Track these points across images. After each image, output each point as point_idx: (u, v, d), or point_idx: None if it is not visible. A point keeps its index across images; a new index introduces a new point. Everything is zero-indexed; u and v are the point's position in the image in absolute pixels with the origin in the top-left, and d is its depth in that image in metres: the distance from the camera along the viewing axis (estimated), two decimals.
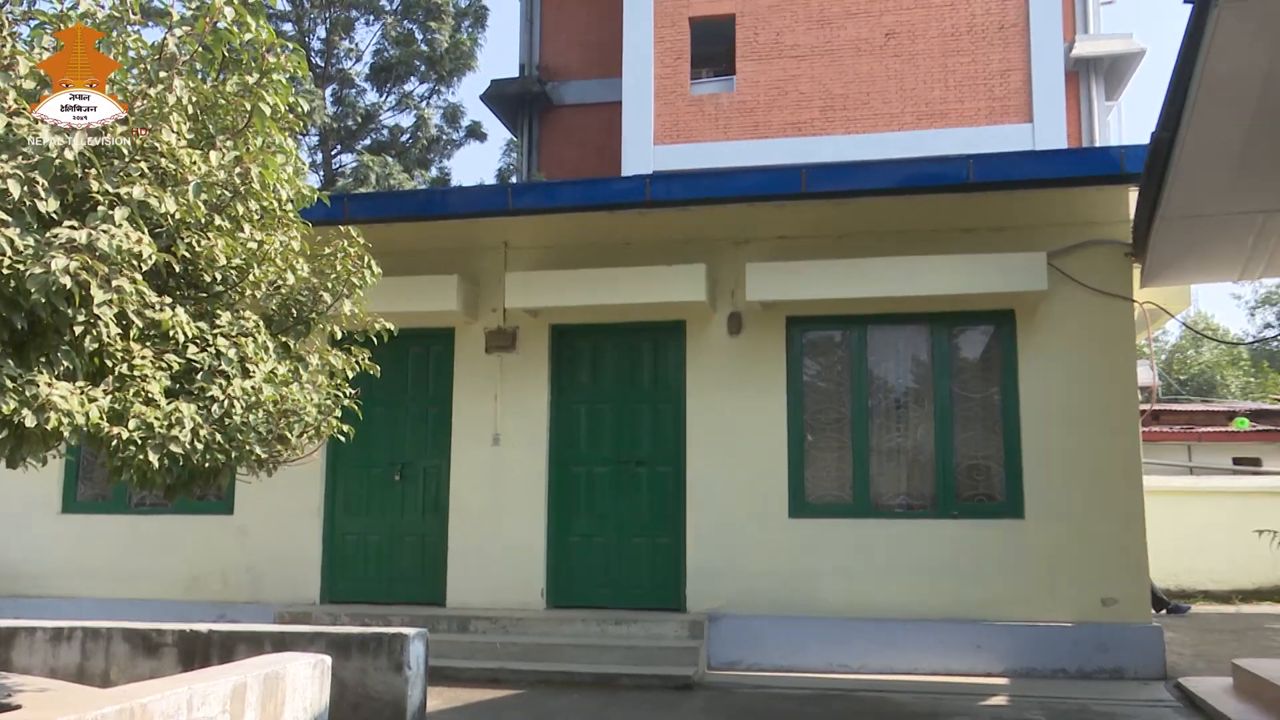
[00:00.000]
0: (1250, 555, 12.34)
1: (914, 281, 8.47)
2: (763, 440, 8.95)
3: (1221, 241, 8.31)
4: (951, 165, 8.61)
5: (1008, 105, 18.45)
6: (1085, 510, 8.37)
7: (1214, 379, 39.60)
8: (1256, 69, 6.37)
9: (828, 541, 8.74)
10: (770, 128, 19.16)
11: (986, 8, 18.77)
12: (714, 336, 9.17)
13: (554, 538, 9.27)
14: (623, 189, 9.69)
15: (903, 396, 9.07)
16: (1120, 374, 8.57)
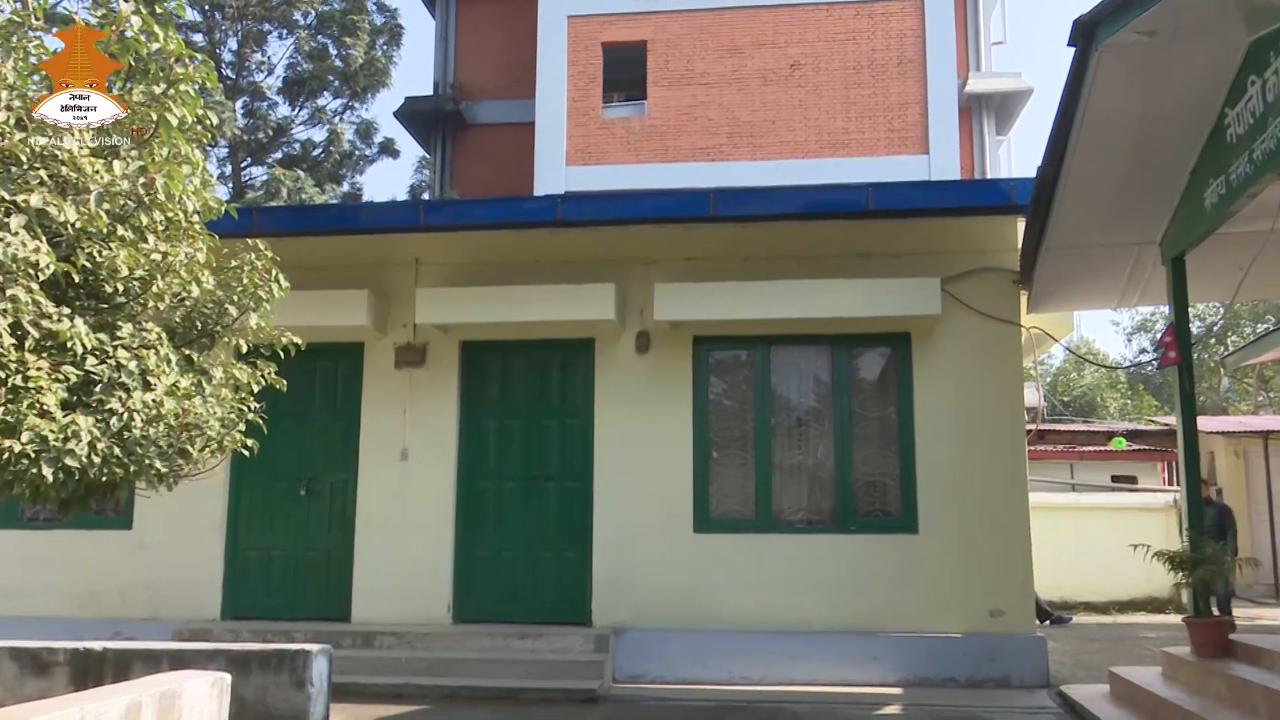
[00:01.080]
0: (1127, 568, 12.95)
1: (816, 304, 8.76)
2: (669, 456, 9.13)
3: (1101, 271, 8.80)
4: (852, 193, 8.95)
5: (905, 137, 19.10)
6: (975, 525, 8.73)
7: (1095, 401, 41.27)
8: (1133, 111, 6.82)
9: (731, 555, 8.94)
10: (680, 152, 19.48)
11: (886, 44, 19.44)
12: (623, 354, 9.33)
13: (461, 552, 9.29)
14: (534, 208, 9.83)
15: (804, 415, 9.35)
16: (1008, 395, 8.98)
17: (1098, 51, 6.17)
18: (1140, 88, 6.58)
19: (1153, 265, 8.46)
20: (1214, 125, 6.86)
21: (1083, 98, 6.63)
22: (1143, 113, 6.83)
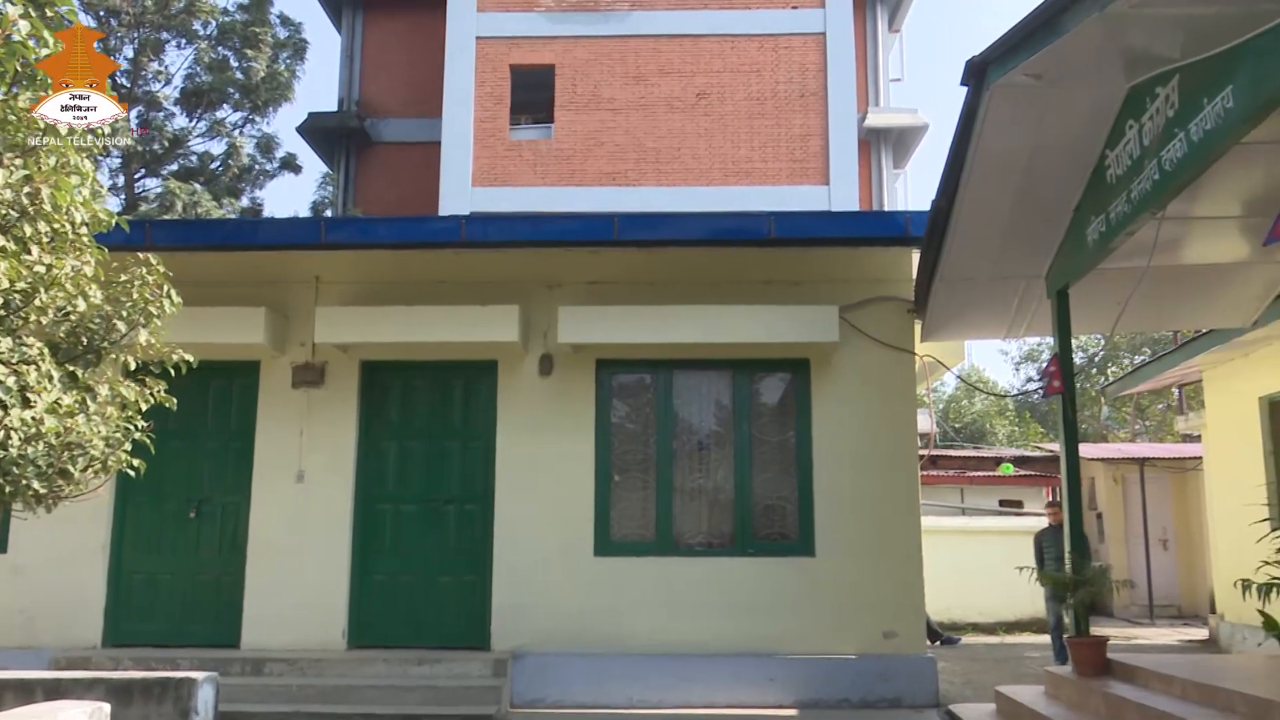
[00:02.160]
0: (1013, 590, 13.41)
1: (718, 329, 8.88)
2: (571, 479, 9.12)
3: (991, 302, 9.13)
4: (754, 221, 9.12)
5: (807, 167, 19.56)
6: (870, 548, 8.92)
7: (984, 427, 42.62)
8: (1021, 149, 7.11)
9: (631, 579, 8.96)
10: (586, 176, 19.59)
11: (789, 76, 19.91)
12: (526, 377, 9.30)
13: (358, 576, 9.11)
14: (439, 228, 9.76)
15: (706, 439, 9.45)
16: (902, 421, 9.22)
17: (988, 91, 6.43)
18: (1028, 127, 6.87)
19: (1039, 298, 8.81)
20: (1096, 165, 7.21)
21: (974, 135, 6.89)
22: (1030, 151, 7.14)
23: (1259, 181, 6.64)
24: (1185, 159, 5.71)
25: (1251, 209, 7.08)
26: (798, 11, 20.17)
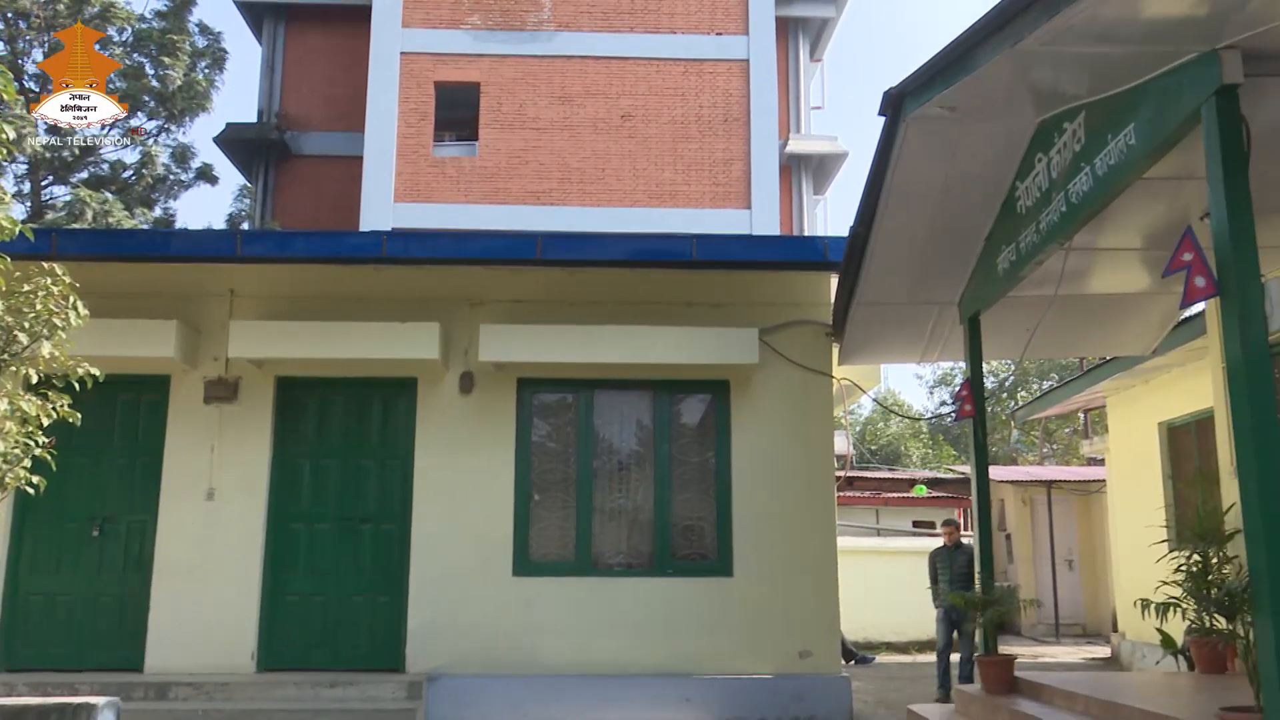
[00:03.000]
0: (926, 609, 13.66)
1: (639, 350, 8.93)
2: (490, 498, 9.06)
3: (906, 327, 9.34)
4: (676, 243, 9.21)
5: (729, 191, 19.80)
6: (787, 568, 9.02)
7: (899, 449, 43.47)
8: (936, 179, 7.30)
9: (550, 599, 8.92)
10: (510, 194, 19.55)
11: (713, 101, 20.17)
12: (446, 395, 9.23)
13: (269, 597, 8.91)
14: (359, 244, 9.64)
15: (626, 459, 9.47)
16: (820, 442, 9.36)
17: (905, 122, 6.60)
18: (943, 158, 7.07)
19: (952, 324, 9.04)
20: (1007, 196, 7.44)
21: (891, 164, 7.07)
22: (945, 181, 7.34)
23: (1160, 215, 6.93)
24: (1091, 192, 5.94)
25: (1152, 241, 7.38)
26: (722, 38, 20.46)
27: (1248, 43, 4.46)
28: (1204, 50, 4.60)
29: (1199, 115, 4.68)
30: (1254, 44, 4.47)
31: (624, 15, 20.51)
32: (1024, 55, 5.22)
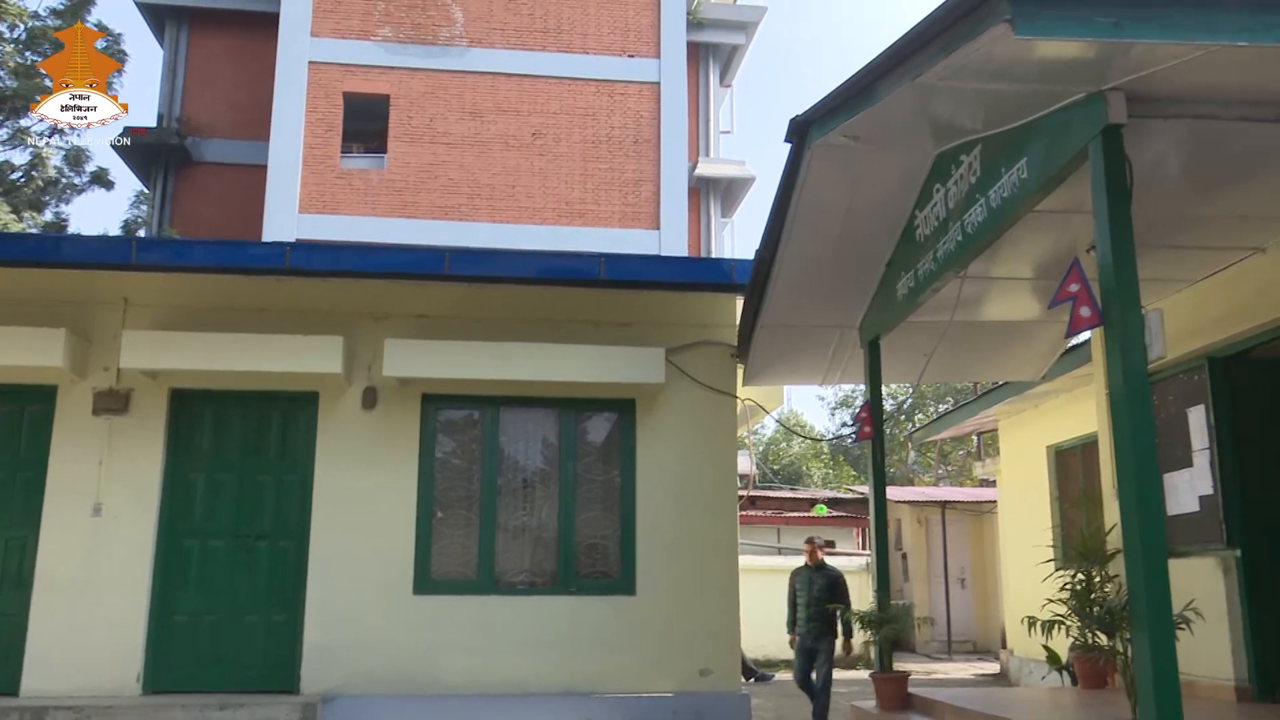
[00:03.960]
0: None
1: (546, 368, 8.92)
2: (391, 515, 8.93)
3: (809, 349, 9.53)
4: (585, 262, 9.24)
5: (639, 212, 19.96)
6: (689, 587, 9.09)
7: (801, 469, 44.18)
8: (840, 205, 7.48)
9: (451, 618, 8.81)
10: (418, 208, 19.37)
11: (624, 122, 20.33)
12: (348, 409, 9.08)
13: (156, 616, 8.61)
14: (261, 254, 9.43)
15: (531, 477, 9.43)
16: (723, 462, 9.47)
17: (810, 149, 6.75)
18: (846, 185, 7.25)
19: (853, 347, 9.25)
20: (906, 224, 7.67)
21: (796, 190, 7.22)
22: (848, 207, 7.52)
23: (1049, 247, 7.21)
24: (985, 223, 6.16)
25: (1042, 272, 7.67)
26: (634, 60, 20.66)
27: (1131, 85, 4.70)
28: (1091, 91, 4.83)
29: (1086, 152, 4.90)
30: (1137, 87, 4.71)
31: (537, 34, 20.57)
32: (924, 89, 5.40)
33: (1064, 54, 4.61)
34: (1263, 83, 4.83)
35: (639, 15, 20.96)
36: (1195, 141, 5.46)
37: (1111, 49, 4.37)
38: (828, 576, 9.76)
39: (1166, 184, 5.94)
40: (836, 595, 9.58)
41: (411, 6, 20.29)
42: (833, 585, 9.66)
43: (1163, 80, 4.62)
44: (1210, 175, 6.01)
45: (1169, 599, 4.46)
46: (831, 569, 9.90)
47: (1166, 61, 4.41)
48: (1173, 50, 4.29)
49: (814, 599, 9.63)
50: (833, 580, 9.73)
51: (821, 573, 9.82)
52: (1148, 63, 4.46)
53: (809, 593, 9.71)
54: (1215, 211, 6.56)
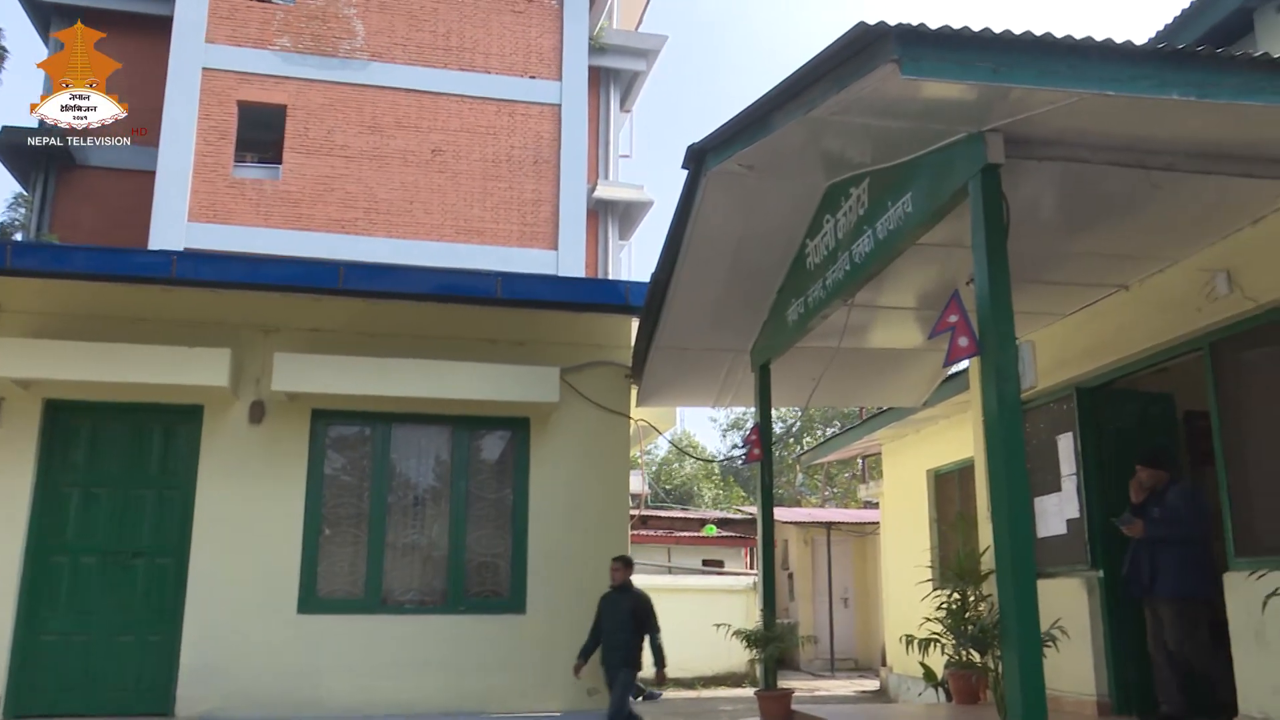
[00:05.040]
0: (713, 646, 14.03)
1: (440, 385, 8.86)
2: (277, 533, 8.73)
3: (702, 372, 9.69)
4: (482, 280, 9.23)
5: (537, 232, 19.99)
6: (579, 606, 9.05)
7: (692, 490, 44.57)
8: (734, 232, 7.65)
9: (336, 637, 8.65)
10: (313, 221, 19.02)
11: (524, 142, 20.37)
12: (234, 424, 8.86)
13: (22, 636, 8.22)
14: (146, 262, 9.15)
15: (422, 494, 9.35)
16: (616, 482, 9.55)
17: (706, 177, 6.90)
18: (740, 212, 7.43)
19: (744, 370, 9.45)
20: (798, 252, 7.88)
21: (692, 215, 7.37)
22: (742, 234, 7.70)
23: (932, 278, 7.51)
24: (872, 253, 6.39)
25: (925, 302, 7.98)
26: (536, 81, 20.73)
27: (1010, 128, 4.96)
28: (973, 131, 5.07)
29: (967, 190, 5.13)
30: (1015, 129, 4.97)
31: (439, 51, 20.47)
32: (816, 122, 5.59)
33: (948, 95, 4.83)
34: (1127, 130, 5.15)
35: (542, 38, 21.06)
36: (1067, 183, 5.78)
37: (991, 92, 4.61)
38: (633, 600, 8.44)
39: (1040, 222, 6.27)
40: (639, 620, 8.34)
41: (312, 17, 19.99)
42: (635, 610, 8.38)
43: (1038, 124, 4.90)
44: (1080, 215, 6.37)
45: (1037, 618, 4.67)
46: (637, 592, 8.52)
47: (1042, 106, 4.67)
48: (1047, 96, 4.55)
49: (618, 625, 8.34)
50: (638, 603, 8.44)
51: (626, 596, 8.46)
52: (1025, 107, 4.72)
53: (615, 615, 8.39)
54: (1084, 250, 6.93)
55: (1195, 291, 6.86)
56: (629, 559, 8.70)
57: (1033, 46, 4.40)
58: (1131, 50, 4.47)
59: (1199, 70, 4.47)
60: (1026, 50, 4.41)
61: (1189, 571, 6.89)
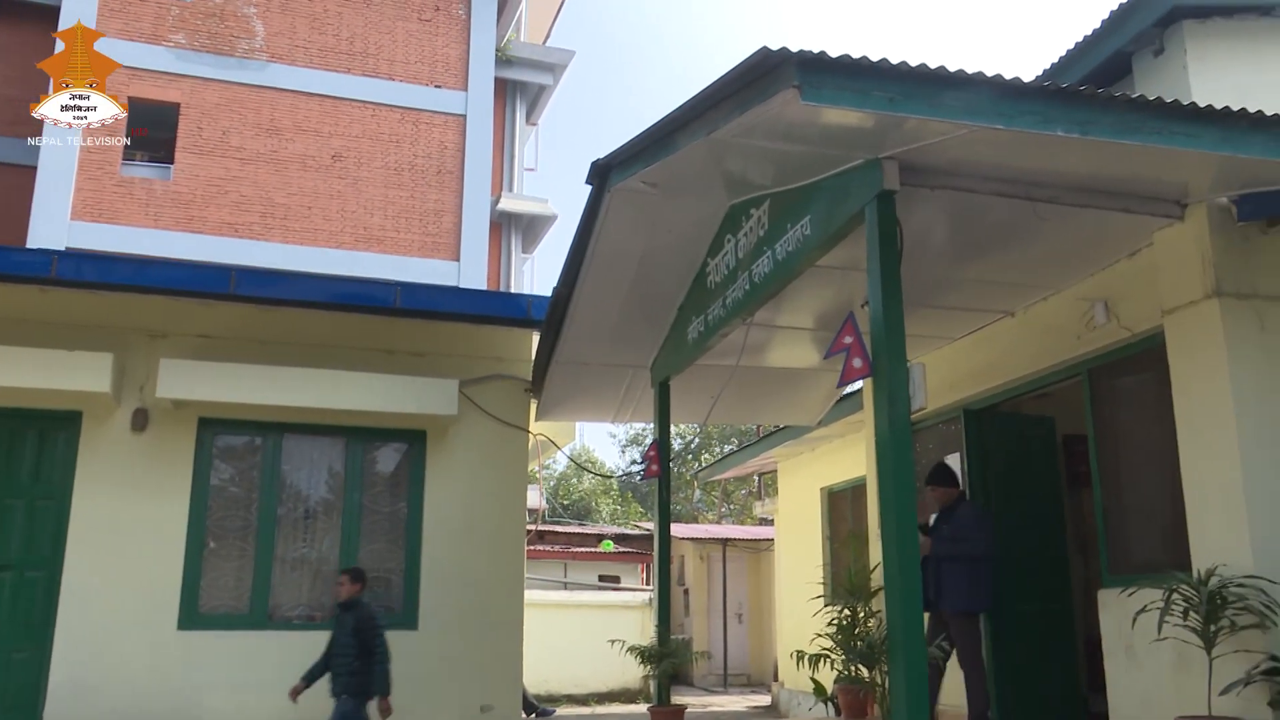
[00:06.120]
0: (607, 662, 14.05)
1: (335, 395, 8.67)
2: (157, 545, 8.41)
3: (602, 387, 9.71)
4: (381, 289, 9.07)
5: (439, 242, 19.77)
6: (472, 621, 8.99)
7: (590, 505, 44.52)
8: (637, 248, 7.71)
9: (219, 655, 8.36)
10: (206, 224, 18.46)
11: (428, 151, 20.14)
12: (115, 431, 8.52)
13: None
14: (24, 261, 8.71)
15: (314, 507, 9.12)
16: (513, 496, 9.47)
17: (610, 193, 6.94)
18: (643, 230, 7.49)
19: (644, 387, 9.50)
20: (699, 271, 7.98)
21: (595, 231, 7.40)
22: (644, 251, 7.76)
23: (829, 300, 7.68)
24: (771, 274, 6.51)
25: (821, 323, 8.15)
26: (441, 91, 20.53)
27: (905, 156, 5.12)
28: (870, 158, 5.22)
29: (863, 214, 5.27)
30: (910, 158, 5.13)
31: (342, 55, 20.13)
32: (719, 144, 5.68)
33: (846, 122, 4.96)
34: (1015, 163, 5.36)
35: (448, 47, 20.89)
36: (958, 211, 5.99)
37: (888, 121, 4.75)
38: (357, 615, 7.50)
39: (933, 248, 6.47)
40: (363, 642, 7.42)
41: (209, 15, 19.46)
42: (358, 629, 7.43)
43: (932, 153, 5.06)
44: (970, 243, 6.60)
45: (923, 634, 4.80)
46: (364, 610, 7.55)
47: (935, 137, 4.83)
48: (940, 127, 4.71)
49: (340, 646, 7.47)
50: (359, 623, 7.46)
51: (350, 613, 7.52)
52: (919, 136, 4.87)
53: (337, 640, 7.51)
54: (973, 276, 7.18)
55: (1076, 320, 7.16)
56: (359, 571, 7.73)
57: (928, 79, 4.55)
58: (1019, 87, 4.66)
59: (1081, 109, 4.69)
60: (922, 82, 4.56)
61: (975, 587, 7.25)
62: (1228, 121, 4.86)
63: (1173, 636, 5.40)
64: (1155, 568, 6.20)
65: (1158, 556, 6.38)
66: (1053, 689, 8.05)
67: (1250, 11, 7.38)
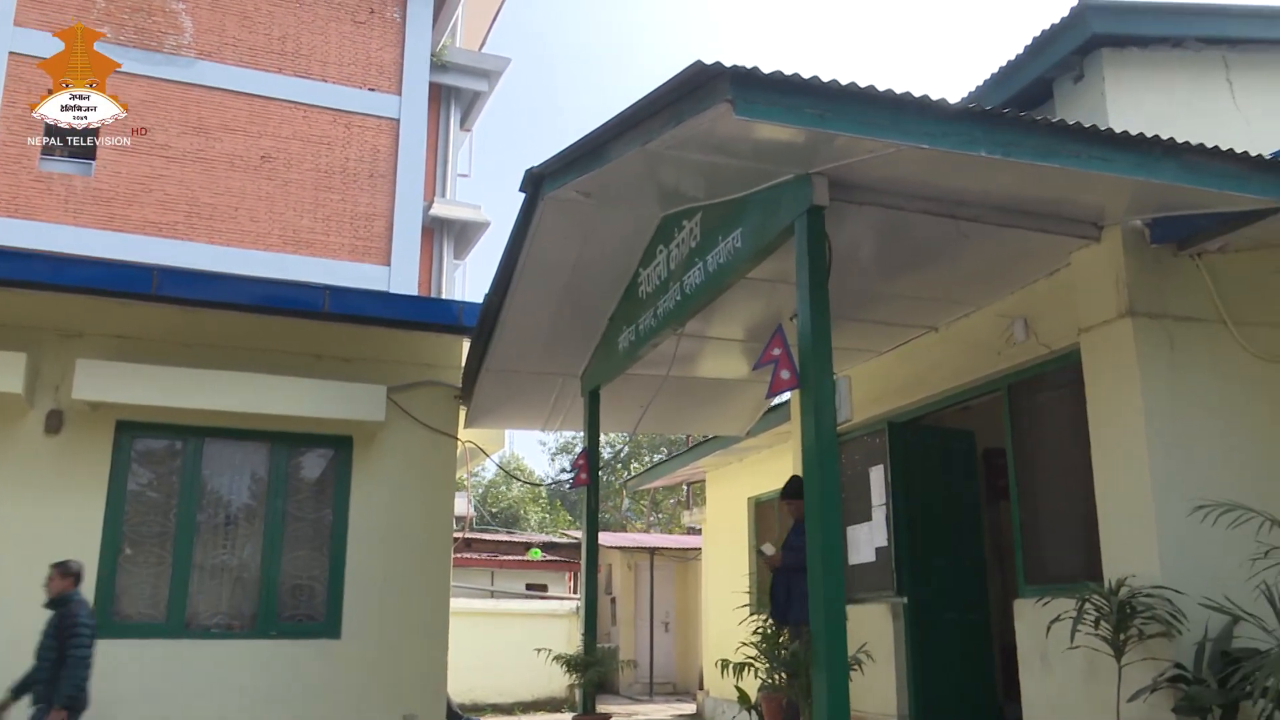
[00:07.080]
0: (533, 671, 13.97)
1: (258, 399, 8.52)
2: (70, 551, 8.03)
3: (532, 395, 9.69)
4: (309, 293, 8.95)
5: (370, 246, 19.53)
6: (397, 630, 8.89)
7: (519, 513, 44.29)
8: (569, 257, 7.72)
9: (133, 665, 8.14)
10: (128, 222, 17.99)
11: (360, 154, 19.90)
12: (27, 434, 8.26)
13: None
14: None
15: (235, 513, 8.94)
16: (440, 504, 9.39)
17: (543, 201, 6.95)
18: (576, 238, 7.51)
19: (574, 395, 9.50)
20: (631, 281, 8.02)
21: (528, 239, 7.40)
22: (576, 260, 7.78)
23: (759, 312, 7.78)
24: (702, 285, 6.57)
25: (751, 334, 8.25)
26: (374, 94, 20.31)
27: (835, 172, 5.21)
28: (800, 173, 5.30)
29: (793, 228, 5.36)
30: (840, 174, 5.22)
31: (273, 55, 19.80)
32: (652, 155, 5.72)
33: (777, 137, 5.04)
34: (940, 182, 5.49)
35: (382, 50, 20.67)
36: (885, 228, 6.11)
37: (818, 137, 4.84)
38: (60, 616, 6.91)
39: (861, 263, 6.60)
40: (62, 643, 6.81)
41: (135, 9, 18.99)
42: (60, 630, 6.83)
43: (861, 170, 5.16)
44: (896, 259, 6.74)
45: (845, 642, 4.87)
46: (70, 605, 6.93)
47: (864, 154, 4.93)
48: (868, 145, 4.80)
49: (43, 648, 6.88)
50: (62, 622, 6.87)
51: (57, 613, 6.97)
52: (848, 153, 4.96)
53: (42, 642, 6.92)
54: (899, 291, 7.33)
55: (996, 336, 7.35)
56: (68, 565, 7.01)
57: (857, 97, 4.65)
58: (946, 108, 4.78)
59: (1005, 131, 4.83)
60: (851, 100, 4.65)
61: None
62: (1142, 148, 5.04)
63: (1085, 645, 5.56)
64: (1069, 578, 6.39)
65: (1072, 567, 6.57)
66: (970, 696, 8.22)
67: (1163, 43, 7.66)
